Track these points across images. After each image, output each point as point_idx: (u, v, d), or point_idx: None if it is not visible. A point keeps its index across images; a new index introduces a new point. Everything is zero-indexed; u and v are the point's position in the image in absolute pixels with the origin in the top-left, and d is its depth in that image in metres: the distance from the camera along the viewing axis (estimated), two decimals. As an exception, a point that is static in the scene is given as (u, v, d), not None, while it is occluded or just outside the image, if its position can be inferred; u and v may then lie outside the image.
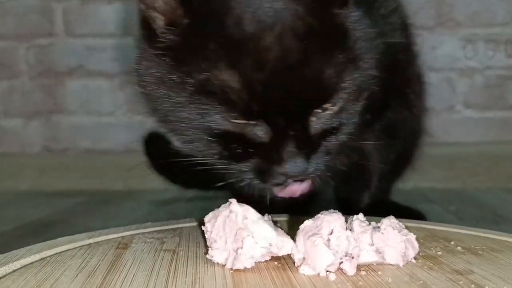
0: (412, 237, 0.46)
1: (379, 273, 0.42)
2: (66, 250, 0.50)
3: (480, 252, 0.48)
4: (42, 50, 1.36)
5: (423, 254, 0.47)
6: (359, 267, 0.43)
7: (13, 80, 1.37)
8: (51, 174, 1.33)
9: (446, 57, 1.32)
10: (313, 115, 0.49)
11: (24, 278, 0.42)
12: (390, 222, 0.46)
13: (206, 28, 0.47)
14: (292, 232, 0.45)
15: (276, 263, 0.45)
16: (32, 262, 0.47)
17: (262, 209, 0.47)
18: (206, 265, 0.45)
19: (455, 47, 1.32)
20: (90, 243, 0.53)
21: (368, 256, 0.44)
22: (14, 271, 0.44)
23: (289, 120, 0.47)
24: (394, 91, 0.71)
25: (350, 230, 0.44)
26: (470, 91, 1.32)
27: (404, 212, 0.80)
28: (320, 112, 0.49)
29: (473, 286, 0.38)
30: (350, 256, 0.43)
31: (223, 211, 0.46)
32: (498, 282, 0.39)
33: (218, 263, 0.45)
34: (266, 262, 0.45)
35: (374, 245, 0.44)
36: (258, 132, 0.48)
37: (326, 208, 0.47)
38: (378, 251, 0.44)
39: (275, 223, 0.47)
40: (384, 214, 0.48)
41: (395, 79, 0.69)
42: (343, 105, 0.50)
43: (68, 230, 0.63)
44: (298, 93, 0.46)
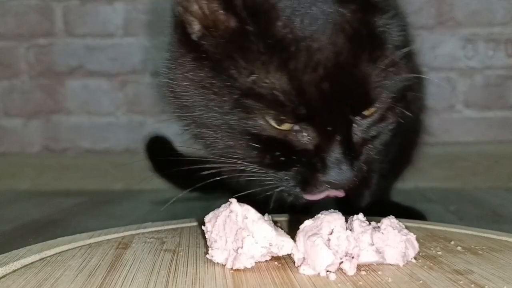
0: (412, 237, 0.46)
1: (379, 273, 0.42)
2: (67, 250, 0.50)
3: (480, 252, 0.48)
4: (42, 50, 1.36)
5: (423, 254, 0.47)
6: (359, 267, 0.43)
7: (13, 79, 1.37)
8: (51, 174, 1.34)
9: (446, 56, 1.32)
10: (356, 122, 0.49)
11: (24, 278, 0.42)
12: (390, 222, 0.46)
13: (253, 31, 0.47)
14: (292, 232, 0.45)
15: (276, 263, 0.45)
16: (32, 262, 0.47)
17: (265, 209, 0.47)
18: (206, 265, 0.45)
19: (455, 47, 1.32)
20: (90, 243, 0.53)
21: (368, 256, 0.44)
22: (14, 271, 0.44)
23: (335, 124, 0.47)
24: None
25: (350, 230, 0.44)
26: (470, 91, 1.32)
27: (404, 212, 0.80)
28: (362, 119, 0.49)
29: (473, 286, 0.38)
30: (350, 256, 0.43)
31: (223, 211, 0.46)
32: (498, 282, 0.39)
33: (218, 263, 0.45)
34: (266, 262, 0.45)
35: (374, 245, 0.44)
36: (303, 137, 0.48)
37: (326, 208, 0.47)
38: (378, 251, 0.44)
39: (275, 223, 0.47)
40: (384, 214, 0.48)
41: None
42: (383, 112, 0.50)
43: (68, 230, 0.63)
44: (347, 95, 0.46)
